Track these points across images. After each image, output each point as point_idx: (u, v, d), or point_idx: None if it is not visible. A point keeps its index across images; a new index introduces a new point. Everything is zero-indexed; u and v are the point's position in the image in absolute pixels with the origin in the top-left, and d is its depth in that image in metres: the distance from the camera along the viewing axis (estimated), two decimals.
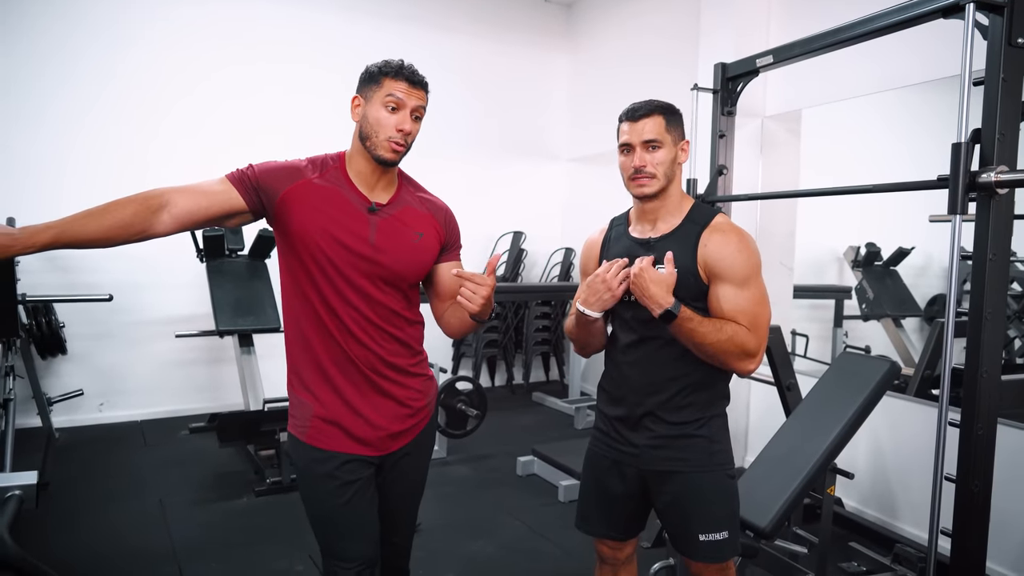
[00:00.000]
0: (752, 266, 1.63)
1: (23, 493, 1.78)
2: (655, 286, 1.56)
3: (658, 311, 1.57)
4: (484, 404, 4.09)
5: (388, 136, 1.53)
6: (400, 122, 1.53)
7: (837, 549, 2.82)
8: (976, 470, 1.93)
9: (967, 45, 1.86)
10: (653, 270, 1.58)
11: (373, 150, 1.55)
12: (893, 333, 4.58)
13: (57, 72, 4.46)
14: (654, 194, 1.67)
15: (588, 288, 1.66)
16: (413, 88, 1.55)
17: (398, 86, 1.53)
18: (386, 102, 1.52)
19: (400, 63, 1.55)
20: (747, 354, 1.59)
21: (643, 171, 1.65)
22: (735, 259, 1.62)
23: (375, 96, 1.54)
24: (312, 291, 1.57)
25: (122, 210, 1.37)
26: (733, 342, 1.57)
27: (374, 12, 5.41)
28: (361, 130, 1.56)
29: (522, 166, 6.23)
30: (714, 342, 1.57)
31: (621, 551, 1.87)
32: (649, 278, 1.57)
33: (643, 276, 1.57)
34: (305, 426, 1.61)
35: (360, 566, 1.62)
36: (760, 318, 1.62)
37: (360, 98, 1.57)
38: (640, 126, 1.66)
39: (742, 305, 1.60)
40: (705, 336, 1.57)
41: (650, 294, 1.56)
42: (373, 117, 1.53)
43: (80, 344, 4.59)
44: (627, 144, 1.68)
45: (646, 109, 1.67)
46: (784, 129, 4.11)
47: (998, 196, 1.86)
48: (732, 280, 1.61)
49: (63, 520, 3.17)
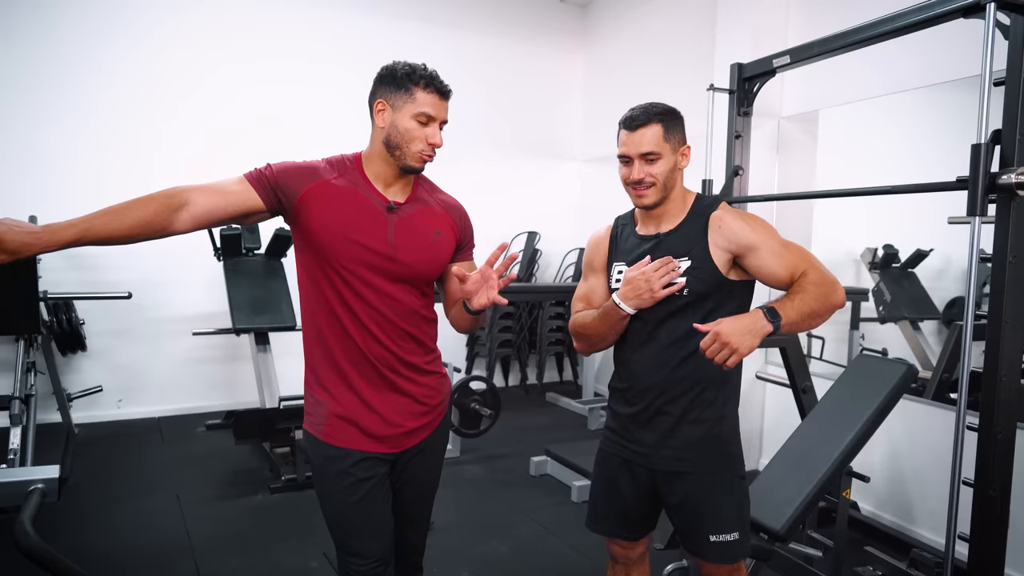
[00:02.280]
0: (770, 230, 1.65)
1: (46, 487, 1.81)
2: (742, 338, 1.48)
3: (768, 333, 1.52)
4: (498, 404, 4.10)
5: (420, 149, 1.56)
6: (431, 135, 1.56)
7: (852, 553, 2.79)
8: (994, 475, 1.91)
9: (988, 45, 1.84)
10: (727, 330, 1.48)
11: (402, 160, 1.57)
12: (911, 336, 4.53)
13: (65, 69, 4.51)
14: (655, 204, 1.68)
15: (629, 284, 1.64)
16: (442, 100, 1.57)
17: (430, 100, 1.54)
18: (418, 116, 1.54)
19: (429, 73, 1.56)
20: (832, 286, 1.58)
21: (643, 183, 1.66)
22: (754, 228, 1.64)
23: (405, 107, 1.54)
24: (330, 289, 1.58)
25: (143, 208, 1.40)
26: (818, 286, 1.56)
27: (392, 12, 5.45)
28: (389, 138, 1.56)
29: (536, 166, 6.24)
30: (814, 301, 1.55)
31: (633, 550, 1.87)
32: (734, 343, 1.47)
33: (729, 343, 1.47)
34: (321, 424, 1.63)
35: (374, 563, 1.63)
36: (811, 259, 1.62)
37: (385, 104, 1.56)
38: (638, 137, 1.64)
39: (792, 260, 1.61)
40: (805, 305, 1.54)
41: (749, 343, 1.48)
42: (404, 128, 1.54)
43: (99, 341, 4.65)
44: (625, 156, 1.67)
45: (644, 118, 1.64)
46: (801, 130, 4.09)
47: (1018, 197, 1.84)
48: (765, 245, 1.62)
49: (81, 515, 3.22)
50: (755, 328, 1.49)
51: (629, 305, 1.64)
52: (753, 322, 1.50)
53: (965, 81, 2.97)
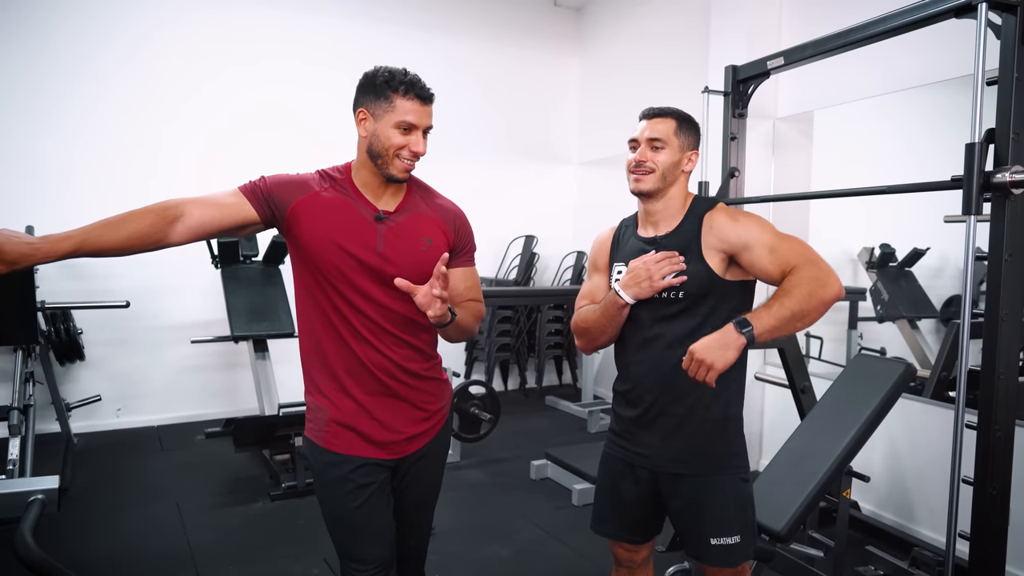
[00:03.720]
0: (765, 225, 1.63)
1: (45, 497, 1.81)
2: (716, 353, 1.46)
3: (743, 345, 1.49)
4: (497, 408, 4.10)
5: (402, 157, 1.54)
6: (414, 144, 1.54)
7: (853, 553, 2.79)
8: (994, 473, 1.91)
9: (980, 45, 1.85)
10: (699, 349, 1.47)
11: (384, 169, 1.55)
12: (909, 335, 4.53)
13: (61, 76, 4.51)
14: (650, 191, 1.69)
15: (630, 273, 1.65)
16: (424, 106, 1.54)
17: (410, 107, 1.51)
18: (398, 125, 1.52)
19: (409, 78, 1.53)
20: (823, 280, 1.51)
21: (642, 166, 1.69)
22: (747, 225, 1.63)
23: (386, 116, 1.52)
24: (324, 299, 1.59)
25: (140, 221, 1.41)
26: (805, 284, 1.50)
27: (388, 19, 5.46)
28: (371, 147, 1.55)
29: (533, 170, 6.25)
30: (796, 304, 1.48)
31: (637, 553, 1.87)
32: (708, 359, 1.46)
33: (704, 360, 1.46)
34: (321, 430, 1.63)
35: (375, 568, 1.63)
36: (806, 252, 1.56)
37: (367, 113, 1.55)
38: (651, 124, 1.71)
39: (783, 254, 1.56)
40: (786, 310, 1.48)
41: (723, 357, 1.46)
42: (385, 137, 1.52)
43: (98, 350, 4.65)
44: (634, 140, 1.73)
45: (660, 111, 1.72)
46: (796, 131, 4.10)
47: (1013, 196, 1.85)
48: (755, 242, 1.60)
49: (81, 524, 3.21)
50: (727, 342, 1.47)
51: (628, 294, 1.65)
52: (724, 336, 1.48)
53: (960, 79, 2.99)
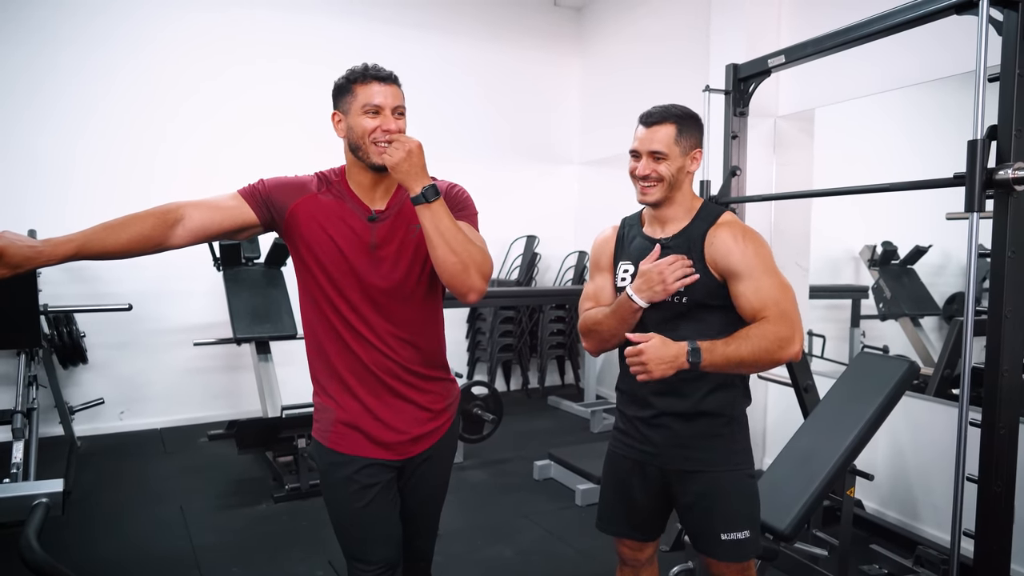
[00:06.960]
0: (762, 256, 1.63)
1: (50, 500, 1.81)
2: (659, 364, 1.51)
3: (684, 368, 1.53)
4: (500, 408, 4.10)
5: (375, 140, 1.53)
6: (384, 123, 1.53)
7: (858, 551, 2.79)
8: (998, 470, 1.91)
9: (982, 41, 1.85)
10: (650, 351, 1.51)
11: (366, 159, 1.55)
12: (911, 332, 4.53)
13: (62, 77, 4.51)
14: (658, 202, 1.71)
15: (642, 277, 1.65)
16: (385, 86, 1.54)
17: (371, 89, 1.53)
18: (365, 110, 1.53)
19: (363, 66, 1.56)
20: (785, 341, 1.55)
21: (648, 179, 1.69)
22: (743, 252, 1.62)
23: (352, 107, 1.54)
24: (325, 302, 1.59)
25: (141, 224, 1.43)
26: (766, 339, 1.54)
27: (388, 19, 5.46)
28: (350, 143, 1.57)
29: (534, 170, 6.24)
30: (749, 353, 1.54)
31: (642, 552, 1.87)
32: (650, 366, 1.51)
33: (646, 364, 1.51)
34: (327, 431, 1.64)
35: (381, 569, 1.63)
36: (784, 303, 1.59)
37: (339, 113, 1.58)
38: (651, 134, 1.69)
39: (763, 297, 1.59)
40: (737, 354, 1.54)
41: (662, 371, 1.51)
42: (357, 126, 1.54)
43: (101, 353, 4.65)
44: (635, 151, 1.72)
45: (660, 116, 1.69)
46: (797, 129, 4.09)
47: (1016, 192, 1.85)
48: (745, 273, 1.61)
49: (85, 527, 3.21)
50: (674, 360, 1.51)
51: (642, 298, 1.65)
52: (675, 354, 1.51)
53: (961, 76, 2.98)
